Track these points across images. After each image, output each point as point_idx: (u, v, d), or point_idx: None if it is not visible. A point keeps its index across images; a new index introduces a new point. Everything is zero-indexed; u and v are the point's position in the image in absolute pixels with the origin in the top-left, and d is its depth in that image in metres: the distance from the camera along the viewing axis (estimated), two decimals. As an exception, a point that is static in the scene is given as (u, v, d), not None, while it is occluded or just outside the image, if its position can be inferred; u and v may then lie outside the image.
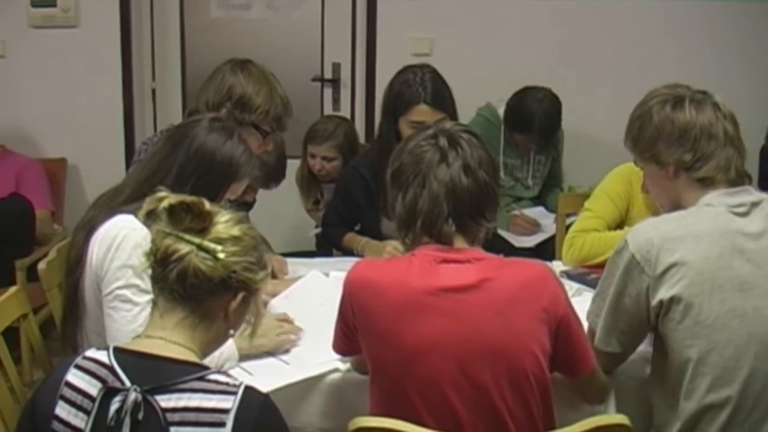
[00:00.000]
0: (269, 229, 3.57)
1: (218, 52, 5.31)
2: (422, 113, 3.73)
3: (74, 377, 1.97)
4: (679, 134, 2.64)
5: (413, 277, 2.38)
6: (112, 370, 1.95)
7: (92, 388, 1.95)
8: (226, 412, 1.89)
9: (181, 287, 2.00)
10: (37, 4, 5.68)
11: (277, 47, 5.94)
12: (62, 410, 1.95)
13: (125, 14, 5.73)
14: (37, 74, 5.78)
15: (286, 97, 3.49)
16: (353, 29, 5.98)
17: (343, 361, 2.75)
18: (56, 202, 5.57)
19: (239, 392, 1.92)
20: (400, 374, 2.38)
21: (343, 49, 6.04)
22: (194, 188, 2.13)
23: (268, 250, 3.55)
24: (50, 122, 5.83)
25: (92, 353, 2.01)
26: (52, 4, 5.68)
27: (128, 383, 1.92)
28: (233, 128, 2.95)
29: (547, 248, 4.75)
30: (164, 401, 1.90)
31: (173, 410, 1.89)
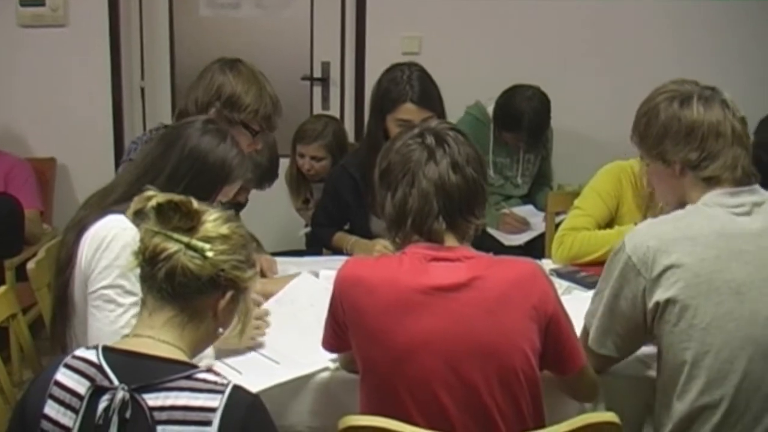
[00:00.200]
0: (259, 228, 3.57)
1: (207, 51, 5.31)
2: (409, 112, 3.73)
3: (63, 376, 1.98)
4: (686, 132, 2.60)
5: (404, 275, 2.38)
6: (100, 368, 1.95)
7: (81, 386, 1.95)
8: (212, 410, 1.89)
9: (169, 286, 2.00)
10: (25, 3, 5.66)
11: (266, 46, 5.93)
12: (51, 409, 1.95)
13: (114, 13, 5.71)
14: (25, 74, 5.76)
15: (275, 96, 3.49)
16: (342, 28, 5.98)
17: (332, 360, 2.75)
18: (45, 201, 5.56)
19: (227, 391, 1.92)
20: (390, 373, 2.38)
21: (332, 47, 6.03)
22: (186, 190, 2.13)
23: (258, 249, 3.55)
24: (39, 121, 5.81)
25: (81, 352, 2.01)
26: (40, 3, 5.66)
27: (116, 382, 1.92)
28: (227, 131, 2.95)
29: (536, 246, 4.75)
30: (152, 400, 1.90)
31: (160, 409, 1.89)
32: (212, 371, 2.00)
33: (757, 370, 2.42)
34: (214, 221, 2.06)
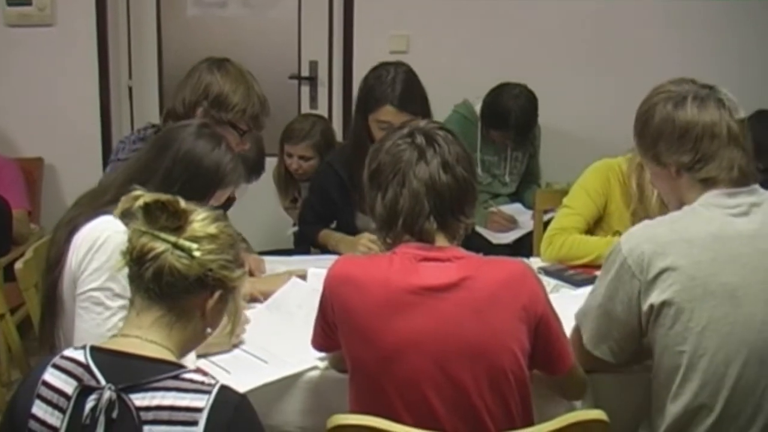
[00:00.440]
0: (247, 227, 3.57)
1: (195, 50, 5.30)
2: (388, 114, 3.73)
3: (51, 376, 1.98)
4: (679, 134, 2.57)
5: (394, 275, 2.38)
6: (88, 368, 1.95)
7: (68, 386, 1.95)
8: (199, 410, 1.89)
9: (156, 286, 2.00)
10: (12, 2, 5.65)
11: (253, 45, 5.93)
12: (39, 409, 1.95)
13: (101, 12, 5.70)
14: (12, 73, 5.75)
15: (263, 95, 3.49)
16: (330, 27, 5.98)
17: (321, 359, 2.75)
18: (33, 201, 5.55)
19: (214, 392, 1.92)
20: (379, 372, 2.38)
21: (320, 46, 6.03)
22: (180, 193, 2.13)
23: (246, 248, 3.54)
24: (26, 121, 5.80)
25: (69, 352, 2.01)
26: (27, 2, 5.64)
27: (103, 382, 1.92)
28: (221, 136, 2.95)
29: (524, 244, 4.76)
30: (138, 400, 1.90)
31: (147, 409, 1.89)
32: (200, 371, 2.00)
33: (751, 373, 2.41)
34: (201, 221, 2.06)
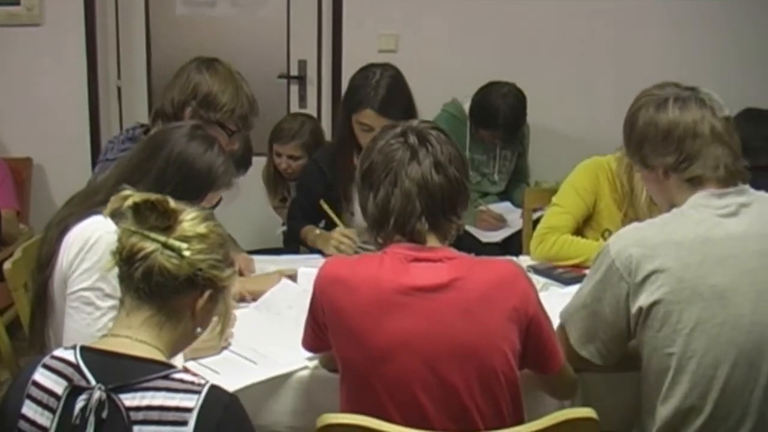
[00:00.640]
0: (236, 226, 3.57)
1: (184, 49, 5.29)
2: (368, 117, 3.73)
3: (41, 376, 1.97)
4: (662, 136, 2.59)
5: (384, 275, 2.38)
6: (78, 368, 1.95)
7: (58, 386, 1.95)
8: (188, 410, 1.89)
9: (146, 286, 2.00)
10: (0, 2, 5.63)
11: (242, 44, 5.92)
12: (29, 409, 1.95)
13: (90, 12, 5.70)
14: (1, 73, 5.74)
15: (252, 95, 3.49)
16: (319, 26, 5.98)
17: (310, 358, 2.75)
18: (22, 201, 5.54)
19: (203, 391, 1.92)
20: (369, 373, 2.38)
21: (309, 45, 6.03)
22: (171, 194, 2.13)
23: (235, 248, 3.54)
24: (15, 121, 5.79)
25: (59, 352, 2.01)
26: (15, 2, 5.63)
27: (93, 382, 1.92)
28: (214, 138, 2.95)
29: (513, 243, 4.77)
30: (128, 400, 1.90)
31: (137, 409, 1.89)
32: (190, 371, 2.00)
33: (740, 374, 2.41)
34: (191, 220, 2.06)
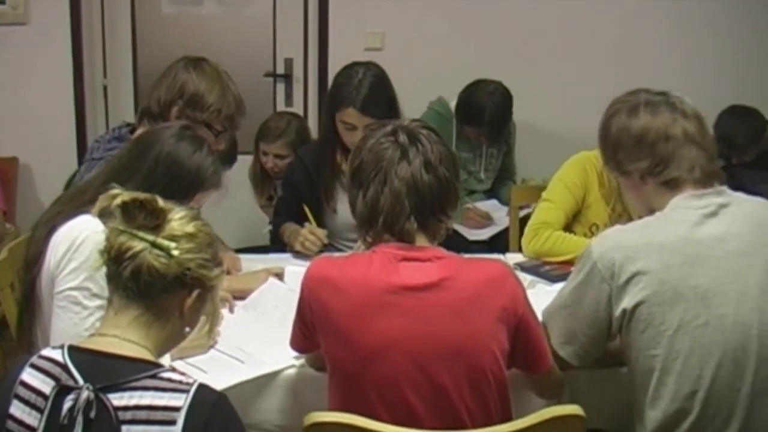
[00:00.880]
0: (223, 225, 3.56)
1: (170, 48, 5.29)
2: (350, 116, 3.72)
3: (29, 376, 1.97)
4: (635, 141, 2.63)
5: (373, 275, 2.38)
6: (65, 368, 1.95)
7: (46, 386, 1.94)
8: (177, 410, 1.89)
9: (135, 285, 2.00)
10: (-15, 1, 5.63)
11: (229, 43, 5.91)
12: (16, 409, 1.94)
13: (75, 11, 5.68)
14: (-14, 73, 5.73)
15: (239, 95, 3.48)
16: (305, 24, 5.98)
17: (296, 357, 2.75)
18: (8, 201, 5.54)
19: (192, 390, 1.92)
20: (358, 373, 2.38)
21: (295, 44, 6.03)
22: (160, 194, 2.13)
23: (222, 246, 3.54)
24: (0, 121, 5.76)
25: (47, 352, 2.01)
26: (0, 1, 5.61)
27: (81, 381, 1.92)
28: (203, 138, 2.95)
29: (500, 241, 4.77)
30: (116, 399, 1.89)
31: (125, 408, 1.89)
32: (177, 371, 2.00)
33: (726, 374, 2.42)
34: (179, 219, 2.06)
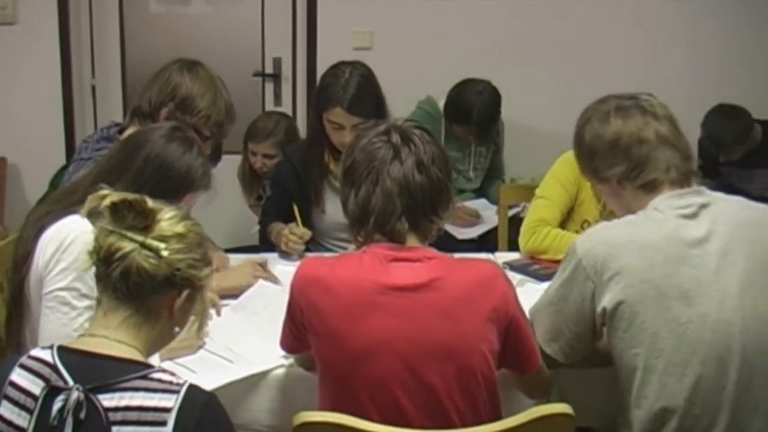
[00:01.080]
0: (212, 225, 3.56)
1: (158, 48, 5.30)
2: (338, 116, 3.71)
3: (18, 376, 1.96)
4: (610, 147, 2.66)
5: (363, 275, 2.37)
6: (55, 368, 1.94)
7: (35, 387, 1.94)
8: (167, 410, 1.89)
9: (124, 286, 2.00)
10: (-27, 1, 5.61)
11: (217, 42, 5.89)
12: (6, 410, 1.94)
13: (63, 10, 5.66)
14: (-26, 72, 5.71)
15: (230, 102, 3.47)
16: (294, 23, 5.97)
17: (285, 356, 2.75)
18: (-4, 201, 5.53)
19: (182, 391, 1.92)
20: (348, 373, 2.38)
21: (283, 43, 6.03)
22: (149, 195, 2.13)
23: (211, 246, 3.53)
24: (-12, 121, 5.76)
25: (37, 352, 2.00)
26: (-12, 1, 5.61)
27: (71, 382, 1.92)
28: (193, 139, 2.94)
29: (489, 240, 4.77)
30: (107, 400, 1.89)
31: (115, 409, 1.89)
32: (168, 371, 2.00)
33: (710, 372, 2.42)
34: (169, 219, 2.05)
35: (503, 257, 3.72)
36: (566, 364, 2.67)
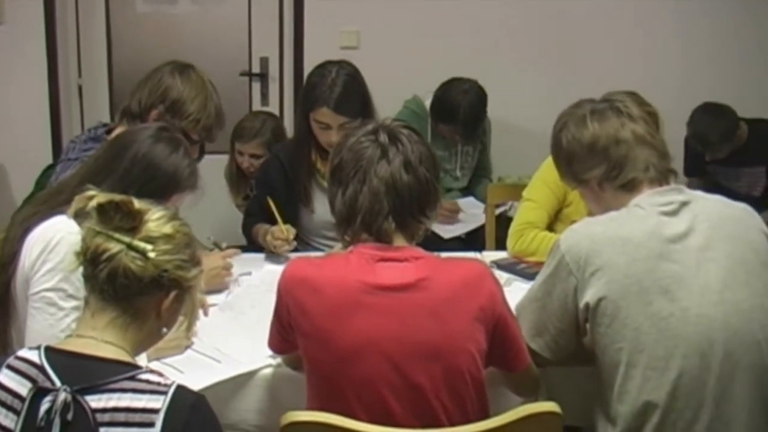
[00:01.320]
0: (199, 225, 3.55)
1: (145, 47, 5.28)
2: (324, 115, 3.70)
3: (5, 377, 1.96)
4: (588, 150, 2.68)
5: (350, 275, 2.37)
6: (42, 369, 1.94)
7: (22, 388, 1.93)
8: (155, 412, 1.89)
9: (111, 287, 1.99)
10: (-41, 1, 5.58)
11: (204, 42, 5.89)
12: (-8, 411, 1.94)
13: (50, 10, 5.64)
14: (-40, 72, 5.69)
15: (220, 107, 3.46)
16: (281, 23, 5.98)
17: (272, 356, 2.75)
18: (-18, 201, 5.51)
19: (170, 392, 1.92)
20: (335, 373, 2.38)
21: (270, 43, 6.03)
22: (136, 196, 2.12)
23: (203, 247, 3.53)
24: (-26, 121, 5.74)
25: (24, 353, 2.00)
26: (-26, 2, 5.59)
27: (58, 383, 1.91)
28: (180, 140, 2.93)
29: (477, 238, 4.78)
30: (94, 401, 1.89)
31: (103, 410, 1.88)
32: (156, 372, 2.00)
33: (692, 367, 2.43)
34: (156, 220, 2.05)
35: (491, 256, 3.73)
36: (553, 360, 2.68)
